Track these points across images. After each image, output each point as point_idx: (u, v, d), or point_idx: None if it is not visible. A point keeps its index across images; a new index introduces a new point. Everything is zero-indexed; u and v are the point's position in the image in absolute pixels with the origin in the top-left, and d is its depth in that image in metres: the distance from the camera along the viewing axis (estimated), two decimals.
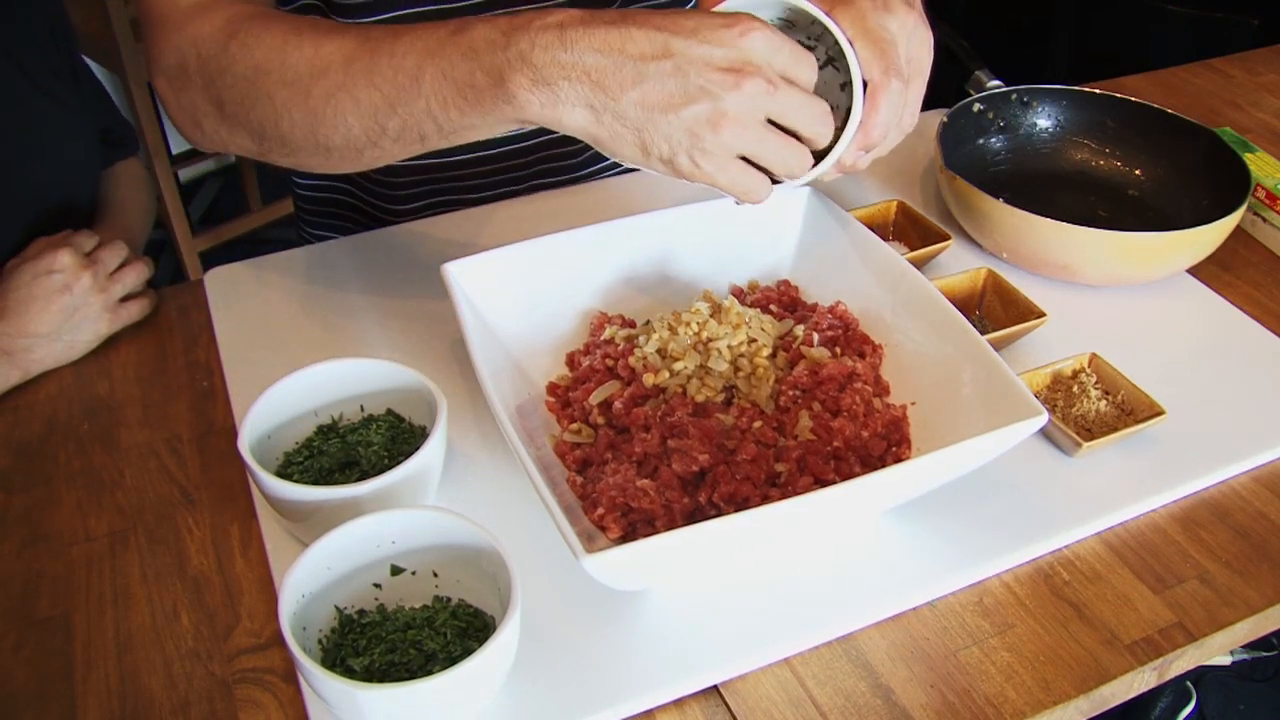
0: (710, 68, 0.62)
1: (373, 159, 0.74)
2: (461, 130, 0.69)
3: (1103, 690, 0.66)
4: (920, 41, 0.72)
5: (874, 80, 0.68)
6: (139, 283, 0.92)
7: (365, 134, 0.71)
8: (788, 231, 0.89)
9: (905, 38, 0.70)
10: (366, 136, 0.71)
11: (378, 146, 0.72)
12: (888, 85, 0.68)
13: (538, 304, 0.83)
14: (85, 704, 0.64)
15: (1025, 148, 1.10)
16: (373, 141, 0.71)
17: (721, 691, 0.65)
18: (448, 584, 0.66)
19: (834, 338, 0.81)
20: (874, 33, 0.67)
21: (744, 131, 0.63)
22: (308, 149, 0.75)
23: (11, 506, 0.77)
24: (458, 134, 0.70)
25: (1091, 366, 0.84)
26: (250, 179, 2.57)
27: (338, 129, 0.72)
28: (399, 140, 0.71)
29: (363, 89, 0.69)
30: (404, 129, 0.70)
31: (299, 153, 0.75)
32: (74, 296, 0.86)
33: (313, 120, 0.72)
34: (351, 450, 0.74)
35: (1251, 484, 0.79)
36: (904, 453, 0.74)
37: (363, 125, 0.71)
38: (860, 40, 0.68)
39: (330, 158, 0.75)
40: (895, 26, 0.69)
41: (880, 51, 0.67)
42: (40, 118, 1.02)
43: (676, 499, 0.69)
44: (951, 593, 0.71)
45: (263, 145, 0.77)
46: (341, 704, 0.57)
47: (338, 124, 0.71)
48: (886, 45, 0.67)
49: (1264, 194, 1.02)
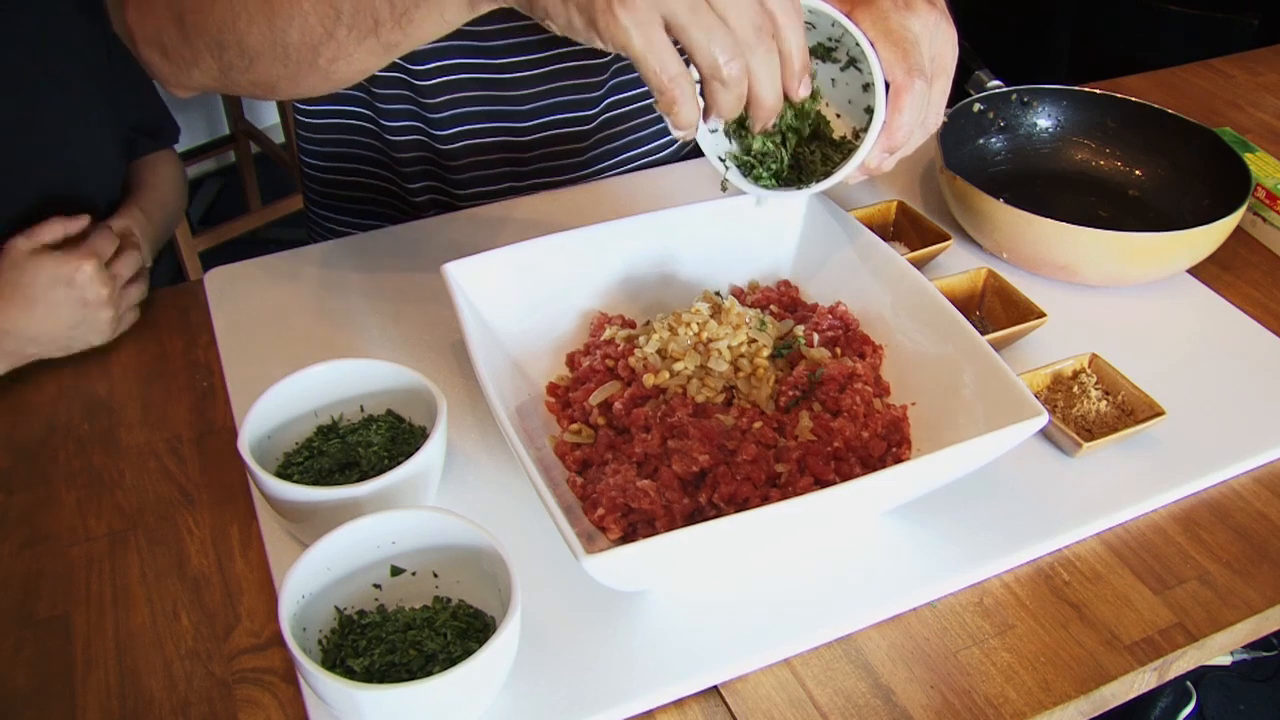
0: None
1: (330, 58, 0.71)
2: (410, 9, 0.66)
3: (1103, 691, 0.66)
4: (944, 39, 0.71)
5: (897, 81, 0.67)
6: (141, 297, 0.92)
7: (319, 21, 0.68)
8: (788, 231, 0.88)
9: (929, 37, 0.69)
10: (321, 25, 0.68)
11: (333, 39, 0.69)
12: (911, 86, 0.67)
13: (538, 304, 0.83)
14: (85, 704, 0.64)
15: (1025, 148, 1.10)
16: (328, 32, 0.69)
17: (721, 692, 0.65)
18: (448, 584, 0.66)
19: (834, 338, 0.81)
20: (896, 33, 0.67)
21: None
22: (266, 52, 0.72)
23: (11, 506, 0.77)
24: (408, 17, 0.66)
25: (1091, 367, 0.84)
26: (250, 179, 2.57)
27: (293, 19, 0.69)
28: (354, 28, 0.68)
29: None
30: (356, 12, 0.67)
31: (258, 60, 0.73)
32: (87, 310, 0.85)
33: (269, 12, 0.70)
34: (351, 451, 0.74)
35: (1251, 484, 0.79)
36: (904, 453, 0.74)
37: (317, 11, 0.68)
38: (882, 41, 0.67)
39: (288, 62, 0.72)
40: (918, 26, 0.68)
41: (903, 52, 0.66)
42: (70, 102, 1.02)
43: (677, 499, 0.69)
44: (951, 593, 0.71)
45: (223, 58, 0.74)
46: (341, 705, 0.57)
47: (293, 14, 0.69)
48: (909, 46, 0.67)
49: (1264, 194, 1.02)
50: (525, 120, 1.08)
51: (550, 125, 1.09)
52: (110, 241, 0.89)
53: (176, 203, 1.17)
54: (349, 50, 0.69)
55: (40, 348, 0.86)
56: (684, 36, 0.59)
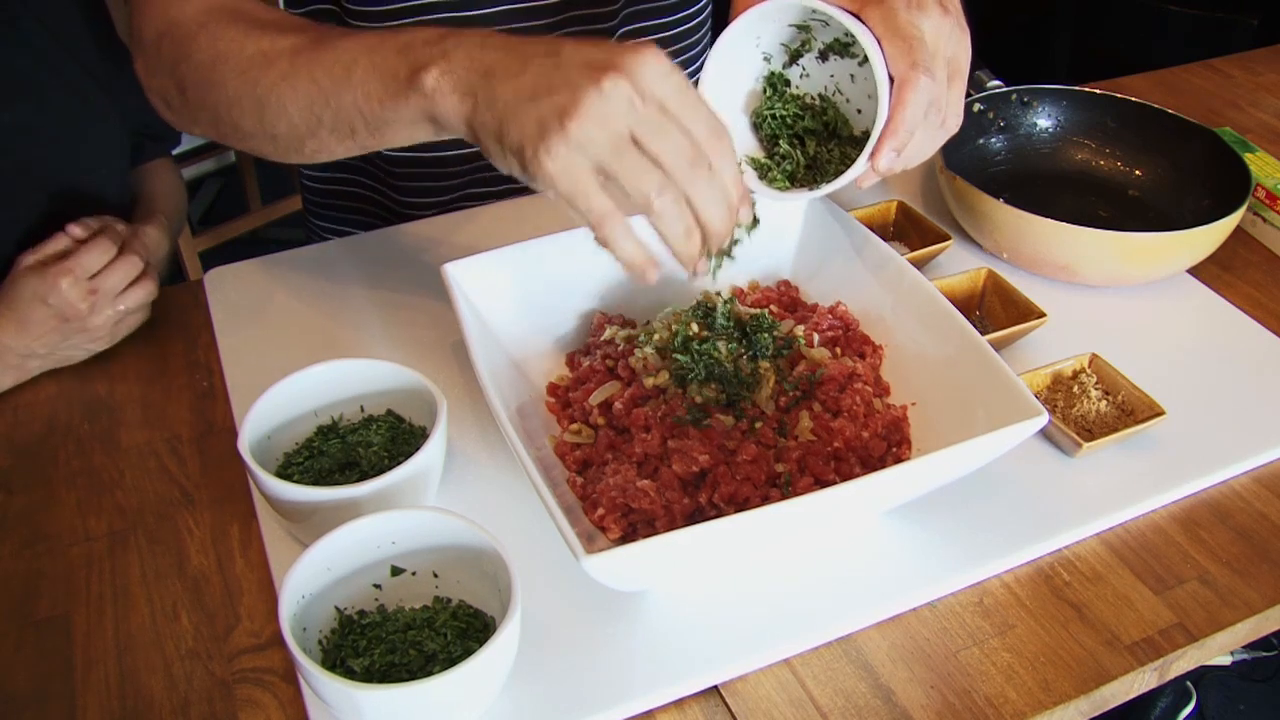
0: (583, 65, 0.59)
1: (313, 151, 0.75)
2: (384, 125, 0.69)
3: (1103, 691, 0.66)
4: (957, 43, 0.71)
5: (900, 75, 0.67)
6: (144, 301, 0.90)
7: (305, 123, 0.72)
8: (788, 231, 0.89)
9: (943, 38, 0.69)
10: (306, 126, 0.72)
11: (315, 137, 0.73)
12: (915, 81, 0.66)
13: (538, 304, 0.83)
14: (85, 704, 0.64)
15: (1025, 148, 1.10)
16: (311, 132, 0.73)
17: (721, 692, 0.65)
18: (448, 585, 0.66)
19: (834, 338, 0.81)
20: (902, 29, 0.66)
21: (594, 133, 0.58)
22: (257, 136, 0.76)
23: (11, 506, 0.77)
24: (381, 130, 0.70)
25: (1091, 367, 0.84)
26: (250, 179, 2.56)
27: (280, 118, 0.73)
28: (334, 132, 0.72)
29: (303, 80, 0.71)
30: (337, 121, 0.71)
31: (250, 139, 0.77)
32: (69, 324, 0.85)
33: (259, 108, 0.74)
34: (351, 451, 0.74)
35: (1251, 484, 0.79)
36: (904, 453, 0.74)
37: (301, 116, 0.72)
38: (888, 37, 0.67)
39: (278, 146, 0.76)
40: (928, 25, 0.68)
41: (908, 47, 0.66)
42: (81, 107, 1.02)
43: (677, 500, 0.69)
44: (951, 593, 0.70)
45: (220, 130, 0.79)
46: (341, 705, 0.57)
47: (280, 114, 0.73)
48: (915, 42, 0.66)
49: (1264, 194, 1.02)
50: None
51: None
52: (101, 254, 0.87)
53: (182, 208, 1.18)
54: (331, 146, 0.74)
55: (42, 361, 0.87)
56: (612, 178, 0.60)
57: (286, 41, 0.73)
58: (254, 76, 0.73)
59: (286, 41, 0.73)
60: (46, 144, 0.99)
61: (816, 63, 0.78)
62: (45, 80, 0.99)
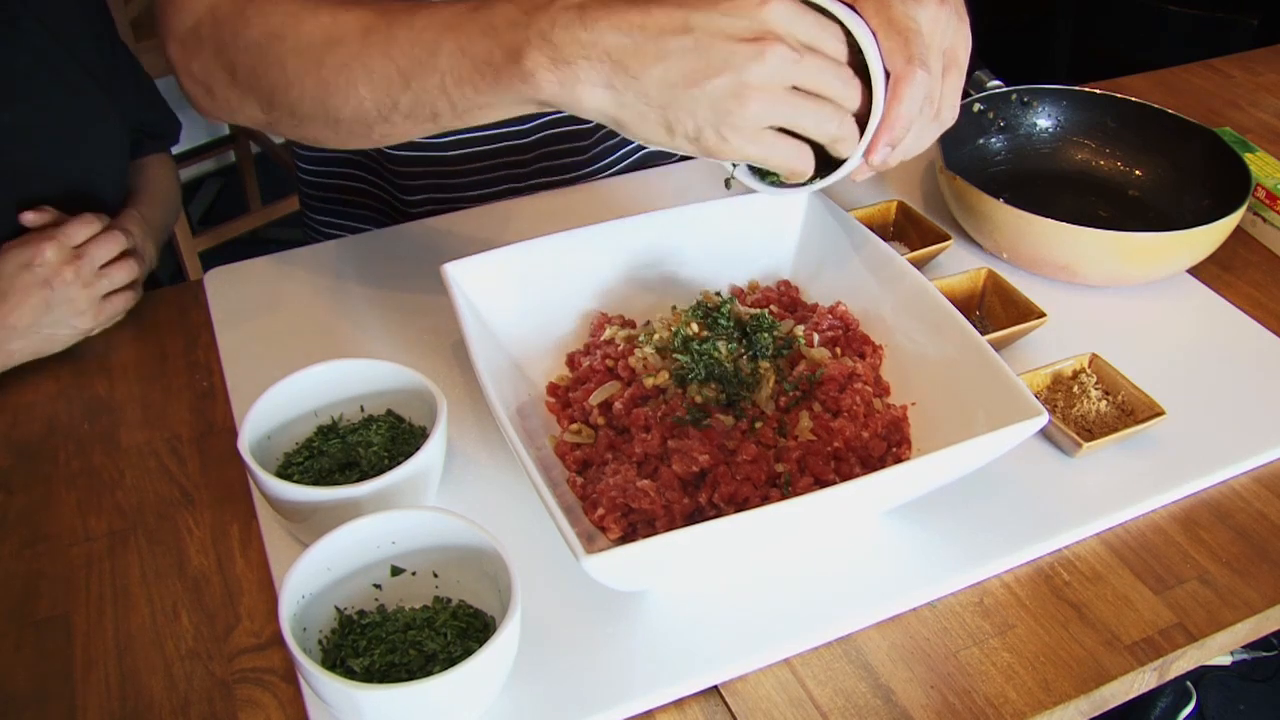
0: (731, 39, 0.61)
1: (382, 135, 0.73)
2: (475, 109, 0.68)
3: (1103, 691, 0.66)
4: (955, 33, 0.70)
5: (896, 70, 0.66)
6: (129, 279, 0.90)
7: (376, 107, 0.70)
8: (788, 231, 0.88)
9: (939, 30, 0.69)
10: (378, 110, 0.70)
11: (388, 121, 0.71)
12: (911, 76, 0.66)
13: (538, 304, 0.83)
14: (85, 704, 0.64)
15: (1025, 148, 1.10)
16: (383, 116, 0.70)
17: (721, 692, 0.65)
18: (448, 584, 0.66)
19: (834, 338, 0.81)
20: (898, 22, 0.66)
21: (771, 101, 0.63)
22: (317, 120, 0.73)
23: (11, 506, 0.77)
24: (471, 113, 0.68)
25: (1091, 367, 0.84)
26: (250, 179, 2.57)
27: (349, 100, 0.70)
28: (410, 116, 0.70)
29: (377, 60, 0.68)
30: (416, 104, 0.69)
31: (307, 123, 0.74)
32: (54, 291, 0.85)
33: (323, 90, 0.71)
34: (351, 451, 0.74)
35: (1251, 484, 0.79)
36: (904, 453, 0.74)
37: (374, 98, 0.70)
38: (883, 31, 0.66)
39: (339, 130, 0.74)
40: (924, 17, 0.67)
41: (904, 41, 0.66)
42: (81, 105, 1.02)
43: (677, 499, 0.69)
44: (951, 593, 0.71)
45: (271, 114, 0.76)
46: (341, 705, 0.57)
47: (349, 95, 0.70)
48: (911, 35, 0.66)
49: (1264, 194, 1.02)
50: (525, 122, 1.07)
51: (550, 124, 1.09)
52: (86, 227, 0.88)
53: (173, 204, 1.17)
54: (405, 130, 0.72)
55: (25, 341, 0.85)
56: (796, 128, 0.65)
57: (350, 17, 0.70)
58: (317, 55, 0.70)
59: (350, 17, 0.70)
60: (46, 144, 0.99)
61: None
62: (45, 80, 0.99)
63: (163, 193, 1.14)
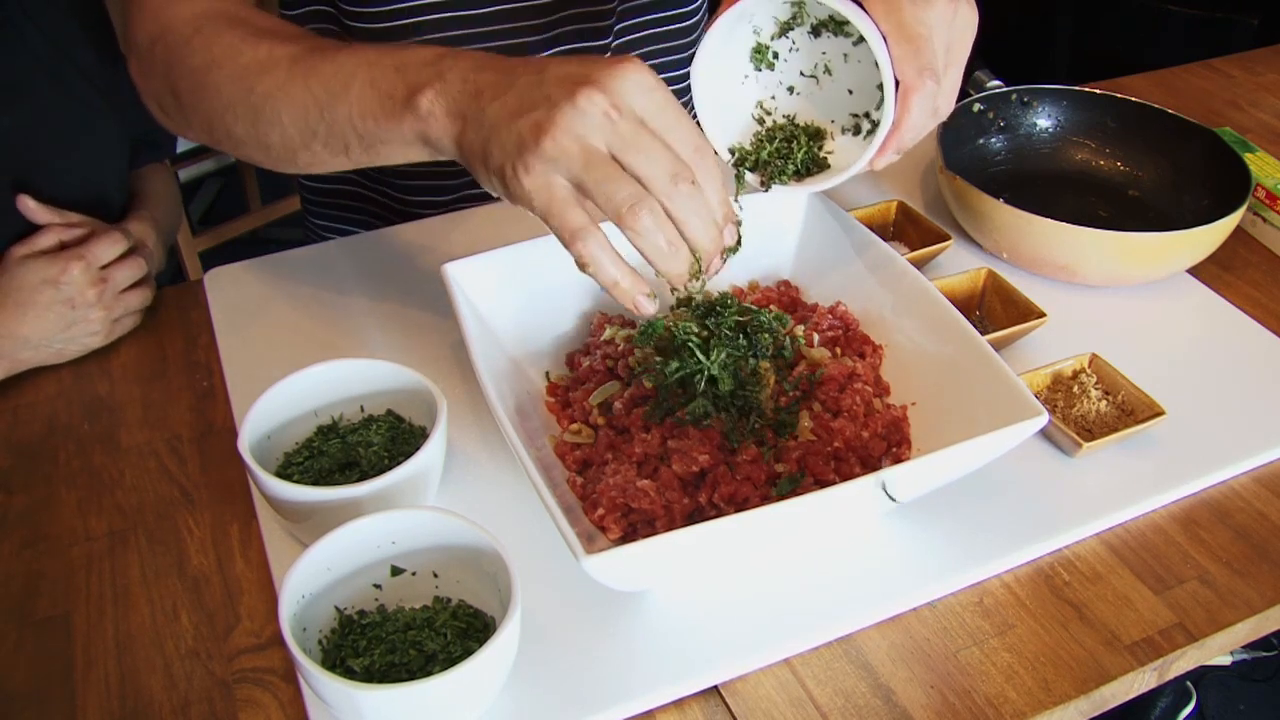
0: (561, 81, 0.59)
1: (306, 163, 0.74)
2: (379, 144, 0.69)
3: (1103, 691, 0.66)
4: (962, 24, 0.70)
5: (907, 81, 0.66)
6: (143, 305, 0.92)
7: (298, 135, 0.71)
8: (788, 231, 0.89)
9: (945, 28, 0.68)
10: (299, 138, 0.72)
11: (309, 150, 0.72)
12: (921, 87, 0.66)
13: (538, 304, 0.83)
14: (85, 704, 0.64)
15: (1025, 148, 1.10)
16: (305, 144, 0.72)
17: (721, 692, 0.65)
18: (448, 584, 0.66)
19: (834, 338, 0.81)
20: (909, 27, 0.66)
21: (567, 146, 0.58)
22: (250, 144, 0.75)
23: (11, 506, 0.77)
24: (375, 148, 0.69)
25: (1091, 367, 0.84)
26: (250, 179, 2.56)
27: (274, 127, 0.72)
28: (328, 146, 0.71)
29: (299, 90, 0.70)
30: (330, 135, 0.70)
31: (243, 147, 0.76)
32: (75, 311, 0.86)
33: (253, 116, 0.73)
34: (351, 451, 0.74)
35: (1251, 484, 0.79)
36: (904, 453, 0.74)
37: (295, 126, 0.71)
38: (894, 36, 0.66)
39: (270, 155, 0.75)
40: (933, 18, 0.67)
41: (915, 50, 0.65)
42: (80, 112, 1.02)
43: (676, 499, 0.69)
44: (951, 593, 0.71)
45: (213, 136, 0.78)
46: (341, 705, 0.57)
47: (274, 122, 0.72)
48: (922, 43, 0.66)
49: (1264, 194, 1.02)
50: None
51: None
52: (112, 245, 0.89)
53: (176, 212, 1.17)
54: (324, 160, 0.73)
55: (35, 352, 0.86)
56: (586, 193, 0.60)
57: (284, 49, 0.72)
58: (249, 83, 0.72)
59: (284, 49, 0.72)
60: (44, 147, 0.99)
61: (808, 38, 0.78)
62: (42, 84, 0.99)
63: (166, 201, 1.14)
